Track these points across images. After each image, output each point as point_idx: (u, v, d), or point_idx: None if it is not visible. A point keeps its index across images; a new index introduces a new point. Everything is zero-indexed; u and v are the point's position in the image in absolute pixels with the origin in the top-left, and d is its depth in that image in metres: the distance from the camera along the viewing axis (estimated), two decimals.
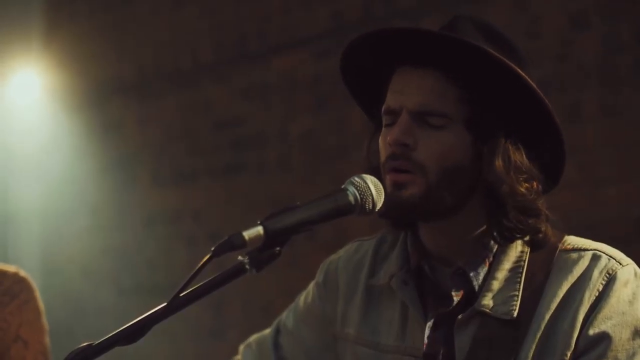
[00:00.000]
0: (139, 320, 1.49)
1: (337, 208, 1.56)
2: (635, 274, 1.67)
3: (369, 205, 1.58)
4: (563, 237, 1.72)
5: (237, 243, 1.46)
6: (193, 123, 5.36)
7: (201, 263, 1.46)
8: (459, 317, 1.68)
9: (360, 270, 1.87)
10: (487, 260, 1.70)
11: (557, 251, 1.69)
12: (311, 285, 1.97)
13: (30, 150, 6.13)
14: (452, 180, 1.65)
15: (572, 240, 1.71)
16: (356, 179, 1.59)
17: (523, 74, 1.62)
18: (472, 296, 1.69)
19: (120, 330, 1.48)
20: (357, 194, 1.58)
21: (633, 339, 1.63)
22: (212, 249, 1.46)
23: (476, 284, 1.69)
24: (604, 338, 1.62)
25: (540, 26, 3.87)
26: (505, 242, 1.69)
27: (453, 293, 1.71)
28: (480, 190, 1.68)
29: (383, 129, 1.70)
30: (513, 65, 1.62)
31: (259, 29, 5.03)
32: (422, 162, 1.63)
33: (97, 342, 1.46)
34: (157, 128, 5.56)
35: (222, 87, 5.20)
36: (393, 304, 1.79)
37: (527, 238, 1.70)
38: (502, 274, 1.68)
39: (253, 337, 2.05)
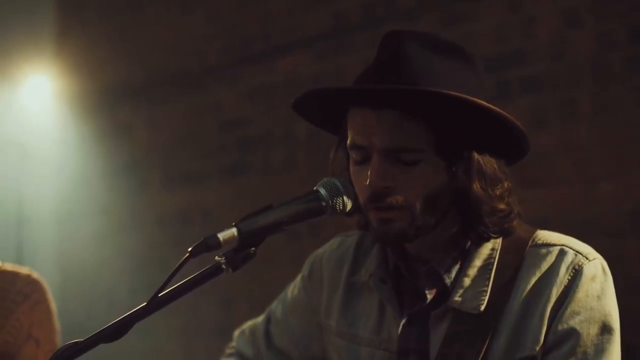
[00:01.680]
0: (120, 319, 1.54)
1: (309, 209, 1.62)
2: (603, 268, 1.69)
3: (339, 206, 1.64)
4: (535, 232, 1.74)
5: (212, 244, 1.52)
6: (200, 125, 5.39)
7: (179, 264, 1.51)
8: (432, 313, 1.72)
9: (342, 266, 1.92)
10: (459, 258, 1.74)
11: (528, 247, 1.71)
12: (298, 278, 2.03)
13: (43, 153, 6.18)
14: (434, 206, 1.68)
15: (543, 236, 1.73)
16: (327, 180, 1.65)
17: (478, 101, 1.61)
18: (446, 293, 1.72)
19: (104, 329, 1.53)
20: (328, 196, 1.63)
21: (601, 334, 1.64)
22: (189, 249, 1.52)
23: (448, 281, 1.72)
24: (572, 334, 1.63)
25: (535, 25, 3.88)
26: (481, 242, 1.73)
27: (427, 291, 1.74)
28: (456, 201, 1.70)
29: (354, 165, 1.70)
30: (468, 97, 1.60)
31: (263, 31, 5.06)
32: (405, 200, 1.65)
33: (82, 340, 1.51)
34: (166, 130, 5.60)
35: (228, 89, 5.23)
36: (372, 300, 1.84)
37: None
38: (473, 271, 1.71)
39: (247, 324, 2.12)
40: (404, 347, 1.75)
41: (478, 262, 1.72)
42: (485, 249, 1.73)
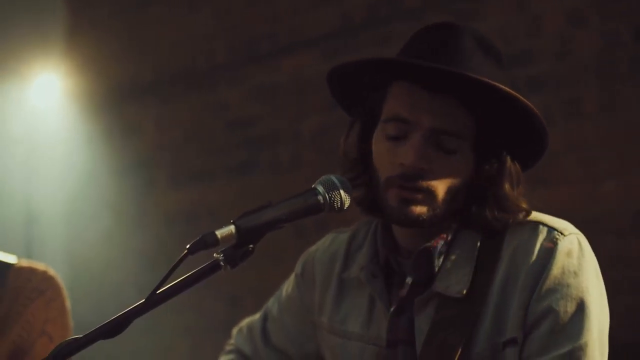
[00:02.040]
0: (119, 316, 1.55)
1: (307, 207, 1.62)
2: (580, 243, 1.67)
3: (337, 204, 1.64)
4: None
5: (210, 241, 1.52)
6: (207, 124, 5.41)
7: (177, 261, 1.53)
8: (416, 300, 1.72)
9: (334, 263, 1.94)
10: (445, 244, 1.74)
11: (509, 227, 1.71)
12: (292, 276, 2.06)
13: (51, 152, 6.20)
14: (455, 198, 1.70)
15: (523, 215, 1.72)
16: (325, 178, 1.66)
17: (527, 101, 1.65)
18: (432, 279, 1.73)
19: (103, 325, 1.54)
20: (326, 194, 1.64)
21: (579, 311, 1.63)
22: (187, 246, 1.52)
23: (437, 265, 1.73)
24: (550, 312, 1.63)
25: (540, 24, 3.89)
26: (484, 234, 1.72)
27: (407, 279, 1.76)
28: (469, 198, 1.72)
29: (386, 140, 1.71)
30: (518, 95, 1.65)
31: (269, 31, 5.08)
32: (434, 187, 1.67)
33: (81, 336, 1.53)
34: (174, 129, 5.62)
35: (235, 88, 5.25)
36: (362, 295, 1.85)
37: None
38: (456, 255, 1.72)
39: (244, 322, 2.15)
40: (393, 338, 1.76)
41: (462, 247, 1.73)
42: (470, 233, 1.74)
